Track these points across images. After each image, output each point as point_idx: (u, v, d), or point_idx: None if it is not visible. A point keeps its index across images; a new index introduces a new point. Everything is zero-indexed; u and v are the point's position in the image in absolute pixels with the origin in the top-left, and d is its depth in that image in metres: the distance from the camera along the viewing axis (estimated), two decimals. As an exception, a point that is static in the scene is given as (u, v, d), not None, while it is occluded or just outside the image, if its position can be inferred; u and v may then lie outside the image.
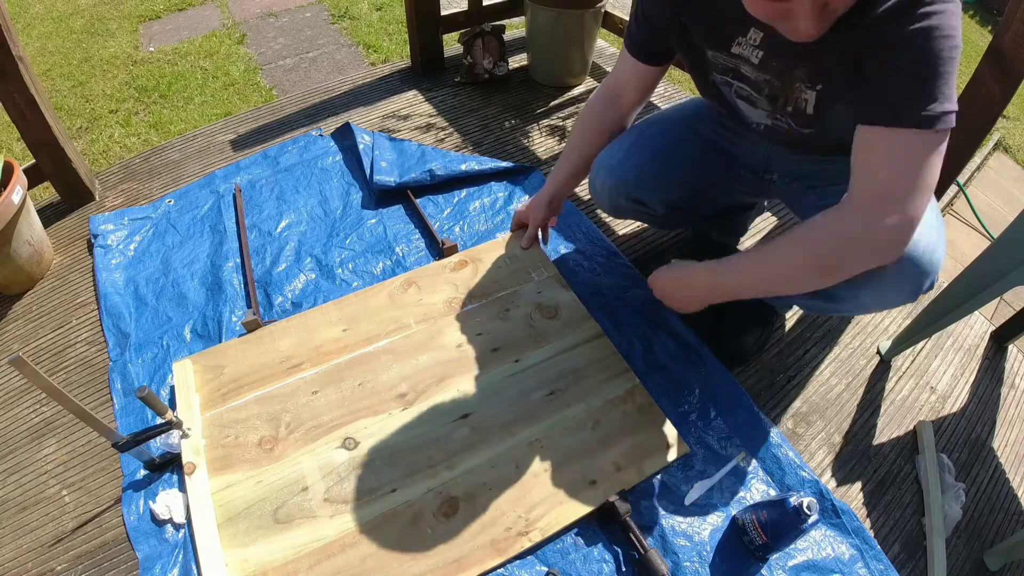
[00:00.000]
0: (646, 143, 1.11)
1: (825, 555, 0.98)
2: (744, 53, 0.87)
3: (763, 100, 0.92)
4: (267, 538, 0.95)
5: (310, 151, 1.74)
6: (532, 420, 1.10)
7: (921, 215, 0.75)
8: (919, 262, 0.83)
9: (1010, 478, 1.15)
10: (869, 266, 0.81)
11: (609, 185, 1.14)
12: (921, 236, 0.82)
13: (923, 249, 0.83)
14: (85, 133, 2.42)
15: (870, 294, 0.89)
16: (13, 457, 1.11)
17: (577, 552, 0.97)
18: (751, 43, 0.86)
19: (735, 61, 0.90)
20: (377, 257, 1.43)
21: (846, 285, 0.89)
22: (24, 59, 1.33)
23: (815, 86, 0.84)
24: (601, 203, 1.22)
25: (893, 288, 0.86)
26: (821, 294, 0.95)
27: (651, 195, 1.13)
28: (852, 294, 0.90)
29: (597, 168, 1.16)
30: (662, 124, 1.15)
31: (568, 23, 1.86)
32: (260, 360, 1.18)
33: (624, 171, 1.12)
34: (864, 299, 0.91)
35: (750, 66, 0.88)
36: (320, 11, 3.39)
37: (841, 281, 0.85)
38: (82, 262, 1.46)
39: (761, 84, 0.89)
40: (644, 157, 1.10)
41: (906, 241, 0.77)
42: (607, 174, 1.14)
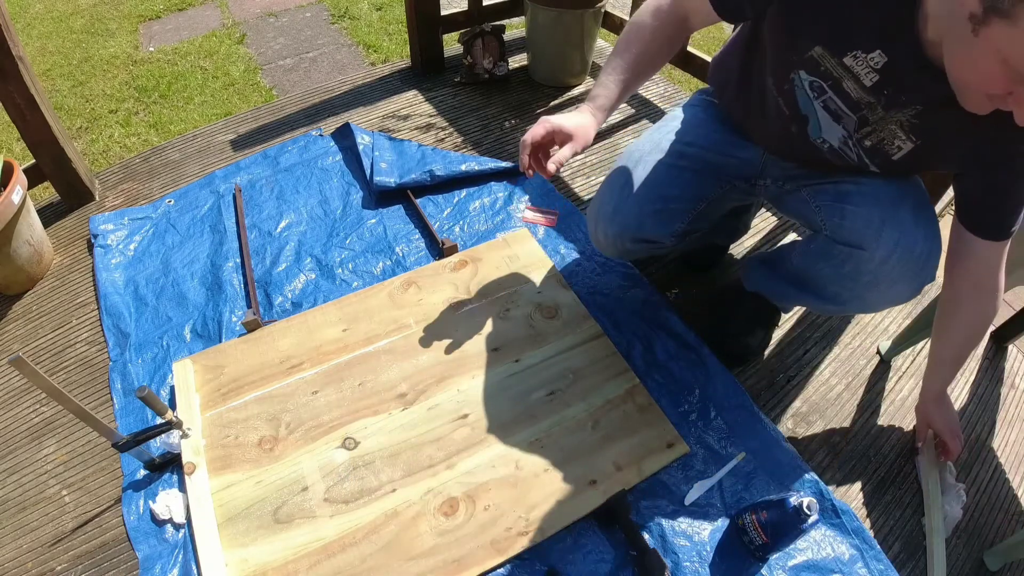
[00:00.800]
0: (637, 185, 1.06)
1: (825, 555, 0.98)
2: (856, 68, 0.78)
3: (852, 121, 0.84)
4: (267, 538, 0.95)
5: (310, 151, 1.74)
6: (532, 420, 1.10)
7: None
8: (920, 258, 0.87)
9: (1010, 478, 1.15)
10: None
11: (612, 233, 1.08)
12: (919, 235, 0.86)
13: (922, 247, 0.87)
14: (85, 133, 2.42)
15: (875, 294, 0.93)
16: (13, 457, 1.11)
17: (577, 552, 0.97)
18: (871, 63, 0.76)
19: (841, 71, 0.80)
20: (377, 257, 1.43)
21: (851, 286, 0.93)
22: (24, 59, 1.33)
23: (916, 139, 0.80)
24: (607, 251, 1.15)
25: (898, 285, 0.90)
26: (829, 298, 1.00)
27: (656, 231, 1.08)
28: (858, 294, 0.94)
29: (595, 220, 1.10)
30: (649, 158, 1.08)
31: (568, 23, 1.86)
32: (260, 360, 1.18)
33: (624, 216, 1.07)
34: (869, 299, 0.95)
35: (857, 84, 0.79)
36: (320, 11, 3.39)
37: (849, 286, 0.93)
38: (82, 262, 1.46)
39: (862, 106, 0.82)
40: (641, 197, 1.06)
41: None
42: (607, 223, 1.08)
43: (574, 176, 1.70)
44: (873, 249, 0.88)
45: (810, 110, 0.88)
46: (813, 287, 1.02)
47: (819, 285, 1.00)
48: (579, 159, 1.75)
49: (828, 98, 0.84)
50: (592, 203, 1.13)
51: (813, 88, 0.85)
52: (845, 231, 0.92)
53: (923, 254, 0.87)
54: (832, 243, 0.95)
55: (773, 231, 1.55)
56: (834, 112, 0.85)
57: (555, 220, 1.54)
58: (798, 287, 1.07)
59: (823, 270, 0.98)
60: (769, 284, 1.17)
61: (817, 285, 1.00)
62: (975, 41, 0.61)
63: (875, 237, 0.88)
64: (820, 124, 0.89)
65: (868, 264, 0.89)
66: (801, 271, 1.04)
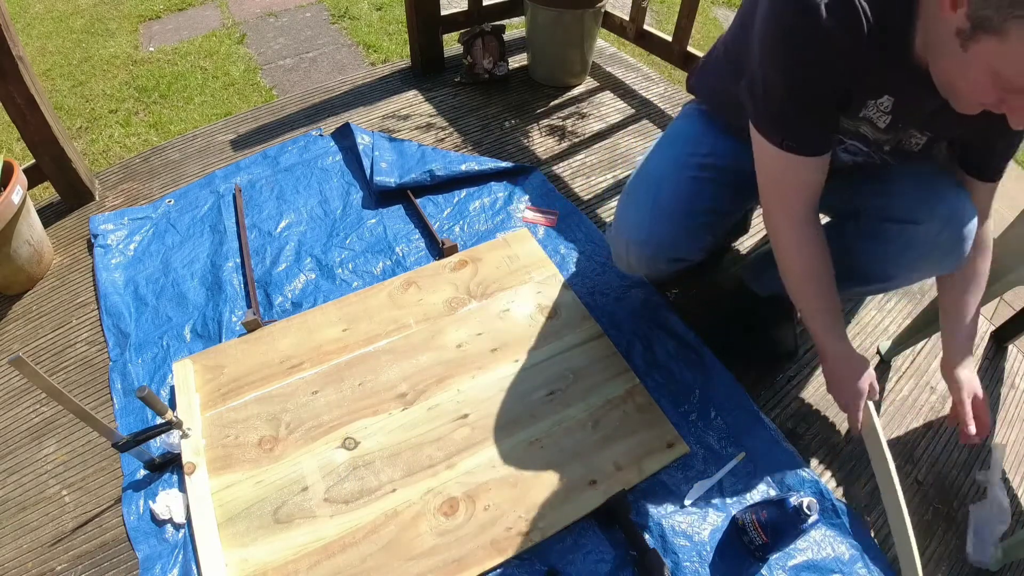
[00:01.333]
0: (667, 203, 1.02)
1: (825, 555, 0.98)
2: (871, 116, 0.80)
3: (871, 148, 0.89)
4: (267, 538, 0.95)
5: (310, 151, 1.74)
6: (532, 420, 1.10)
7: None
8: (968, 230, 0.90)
9: (1010, 478, 1.15)
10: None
11: (646, 256, 1.05)
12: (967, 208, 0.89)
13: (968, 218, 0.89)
14: (85, 133, 2.42)
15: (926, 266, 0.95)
16: (13, 457, 1.11)
17: (577, 552, 0.97)
18: (881, 108, 0.79)
19: (858, 123, 0.83)
20: (377, 257, 1.43)
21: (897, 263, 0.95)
22: (24, 59, 1.33)
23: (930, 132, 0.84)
24: (637, 272, 1.14)
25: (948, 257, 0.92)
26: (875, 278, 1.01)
27: (690, 248, 1.06)
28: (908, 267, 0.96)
29: (626, 245, 1.06)
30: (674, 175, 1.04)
31: (568, 23, 1.86)
32: (260, 360, 1.18)
33: (659, 238, 1.03)
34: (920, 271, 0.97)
35: (873, 128, 0.83)
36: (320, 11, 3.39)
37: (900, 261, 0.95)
38: (82, 262, 1.46)
39: (881, 142, 0.86)
40: (675, 216, 1.02)
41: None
42: (641, 246, 1.04)
43: (574, 176, 1.70)
44: (928, 222, 0.89)
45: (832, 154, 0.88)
46: (849, 270, 0.99)
47: (857, 265, 0.99)
48: (579, 159, 1.75)
49: (849, 144, 0.89)
50: (617, 227, 1.08)
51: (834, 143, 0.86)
52: (894, 208, 0.93)
53: (970, 223, 0.88)
54: (880, 221, 0.95)
55: (773, 231, 1.55)
56: (853, 152, 0.91)
57: (555, 220, 1.54)
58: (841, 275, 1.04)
59: (869, 249, 0.97)
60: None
61: (855, 266, 0.99)
62: (965, 56, 0.61)
63: (929, 210, 0.89)
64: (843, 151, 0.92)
65: (924, 237, 0.90)
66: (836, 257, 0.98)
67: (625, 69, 2.16)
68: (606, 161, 1.75)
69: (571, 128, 1.88)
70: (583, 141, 1.83)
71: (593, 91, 2.05)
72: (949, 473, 1.13)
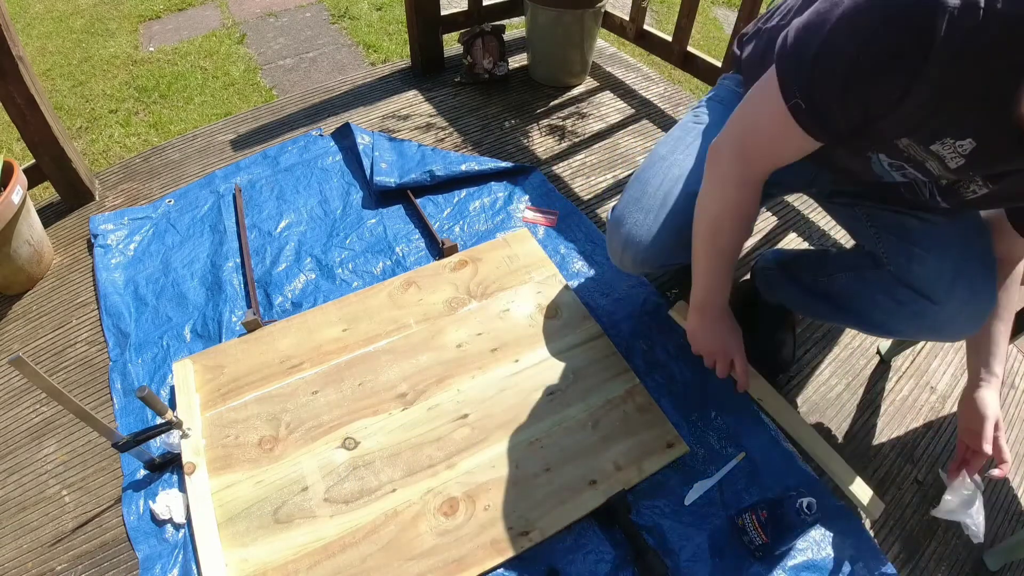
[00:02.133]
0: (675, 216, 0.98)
1: (825, 555, 0.98)
2: (943, 153, 0.70)
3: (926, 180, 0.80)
4: (267, 538, 0.95)
5: (310, 151, 1.74)
6: (532, 420, 1.10)
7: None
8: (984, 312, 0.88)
9: (1010, 478, 1.15)
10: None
11: (641, 260, 1.02)
12: (988, 292, 0.87)
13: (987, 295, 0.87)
14: (85, 133, 2.42)
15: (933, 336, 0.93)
16: (13, 457, 1.11)
17: (577, 552, 0.97)
18: (959, 149, 0.69)
19: (925, 155, 0.72)
20: (377, 257, 1.43)
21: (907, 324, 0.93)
22: (24, 59, 1.33)
23: (993, 185, 0.75)
24: (626, 270, 1.10)
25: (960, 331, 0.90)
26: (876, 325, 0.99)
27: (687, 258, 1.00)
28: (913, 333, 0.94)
29: (624, 244, 1.02)
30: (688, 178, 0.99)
31: (568, 23, 1.86)
32: (260, 360, 1.18)
33: (659, 246, 0.99)
34: (924, 337, 0.96)
35: (940, 165, 0.73)
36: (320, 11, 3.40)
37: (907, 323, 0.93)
38: (82, 262, 1.46)
39: (941, 179, 0.78)
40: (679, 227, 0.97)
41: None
42: (637, 250, 1.01)
43: (574, 176, 1.70)
44: (944, 303, 0.86)
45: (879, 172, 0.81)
46: (858, 312, 0.98)
47: (866, 311, 0.97)
48: (579, 159, 1.75)
49: (908, 171, 0.78)
50: (620, 221, 1.03)
51: (893, 167, 0.79)
52: (913, 277, 0.89)
53: (988, 299, 0.86)
54: (897, 282, 0.92)
55: (773, 231, 1.55)
56: (910, 179, 0.80)
57: (555, 220, 1.54)
58: (838, 308, 1.03)
59: (881, 302, 0.94)
60: (798, 299, 1.13)
61: (864, 311, 0.97)
62: None
63: (947, 291, 0.86)
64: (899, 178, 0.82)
65: (937, 315, 0.88)
66: (849, 295, 0.99)
67: (625, 69, 2.16)
68: (606, 161, 1.75)
69: (571, 128, 1.88)
70: (583, 141, 1.83)
71: (593, 91, 2.05)
72: (949, 473, 1.13)
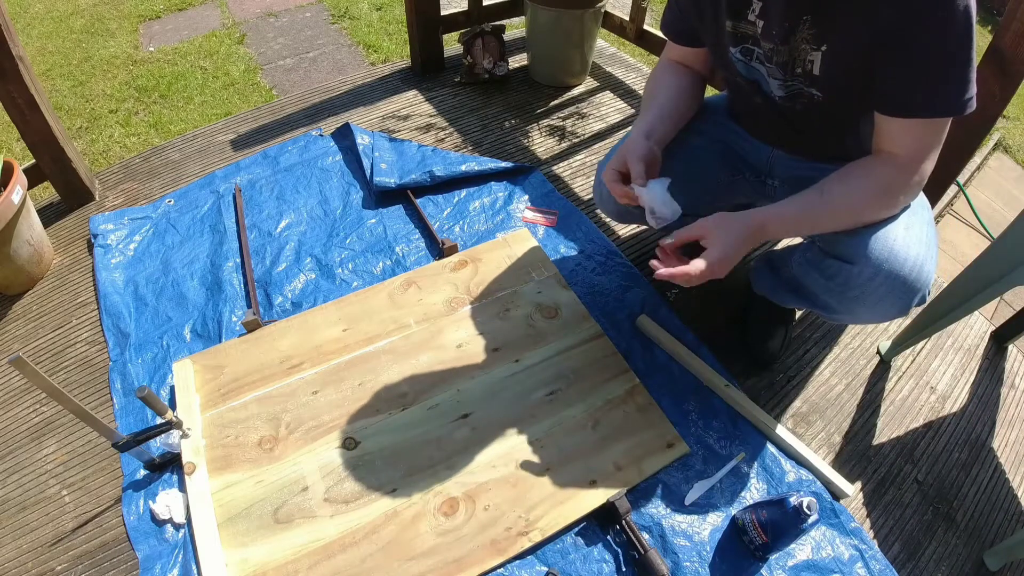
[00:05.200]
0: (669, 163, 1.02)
1: (825, 555, 0.98)
2: (755, 21, 0.86)
3: (776, 69, 0.88)
4: (267, 538, 0.95)
5: (310, 151, 1.74)
6: (532, 420, 1.10)
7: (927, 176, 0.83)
8: (907, 279, 0.86)
9: (1010, 478, 1.15)
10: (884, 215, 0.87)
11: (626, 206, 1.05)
12: (909, 254, 0.86)
13: (911, 266, 0.86)
14: (85, 133, 2.42)
15: (864, 309, 0.93)
16: (13, 457, 1.11)
17: (577, 552, 0.97)
18: (754, 12, 0.85)
19: (751, 28, 0.87)
20: (377, 257, 1.43)
21: (840, 299, 0.93)
22: (24, 59, 1.33)
23: (819, 47, 0.81)
24: (608, 210, 1.18)
25: (885, 303, 0.89)
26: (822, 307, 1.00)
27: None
28: (847, 308, 0.94)
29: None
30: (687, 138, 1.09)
31: (568, 23, 1.86)
32: (260, 360, 1.18)
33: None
34: (859, 313, 0.95)
35: (759, 35, 0.86)
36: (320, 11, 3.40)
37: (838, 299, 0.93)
38: (82, 262, 1.46)
39: (770, 53, 0.87)
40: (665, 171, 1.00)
41: (914, 198, 0.87)
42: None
43: (574, 176, 1.70)
44: (862, 264, 0.87)
45: (753, 72, 0.94)
46: (808, 295, 1.01)
47: (812, 294, 1.00)
48: (579, 159, 1.75)
49: (757, 54, 0.90)
50: (609, 155, 1.10)
51: (745, 54, 0.92)
52: (835, 243, 0.91)
53: (913, 271, 0.85)
54: (823, 254, 0.94)
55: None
56: (764, 63, 0.90)
57: (555, 220, 1.54)
58: (796, 294, 1.06)
59: (816, 280, 0.97)
60: (772, 288, 1.17)
61: (811, 294, 1.00)
62: None
63: (864, 252, 0.87)
64: (766, 80, 0.93)
65: (856, 279, 0.89)
66: (797, 279, 1.03)
67: (625, 69, 2.16)
68: (606, 161, 1.75)
69: (571, 128, 1.88)
70: (583, 141, 1.83)
71: (593, 91, 2.05)
72: (949, 473, 1.13)
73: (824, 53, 0.82)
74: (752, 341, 1.26)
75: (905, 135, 0.80)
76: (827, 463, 1.09)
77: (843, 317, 1.00)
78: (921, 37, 0.72)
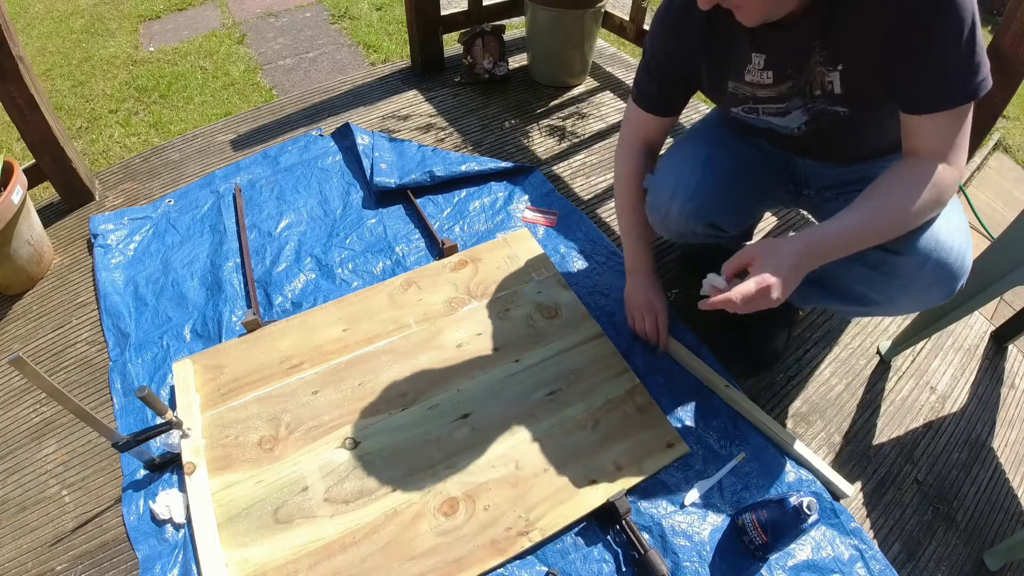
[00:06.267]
0: (721, 166, 1.03)
1: (825, 555, 0.98)
2: (756, 79, 0.90)
3: (794, 100, 0.90)
4: (267, 538, 0.95)
5: (310, 151, 1.74)
6: (532, 420, 1.10)
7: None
8: (953, 266, 0.87)
9: (1010, 478, 1.15)
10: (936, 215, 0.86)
11: (690, 210, 1.03)
12: (954, 243, 0.86)
13: (956, 255, 0.86)
14: (85, 133, 2.42)
15: (908, 298, 0.92)
16: (13, 457, 1.11)
17: (577, 552, 0.97)
18: (758, 68, 0.88)
19: (752, 89, 0.92)
20: (377, 257, 1.43)
21: (883, 289, 0.93)
22: (24, 59, 1.33)
23: (836, 67, 0.83)
24: (670, 228, 1.09)
25: (932, 291, 0.89)
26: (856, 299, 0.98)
27: (729, 218, 1.06)
28: (890, 297, 0.93)
29: (671, 195, 1.03)
30: (726, 143, 1.06)
31: (568, 23, 1.86)
32: (260, 360, 1.18)
33: (705, 195, 1.02)
34: (900, 302, 0.94)
35: (767, 87, 0.90)
36: (320, 11, 3.40)
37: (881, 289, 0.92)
38: (82, 262, 1.46)
39: (785, 92, 0.90)
40: (722, 179, 1.02)
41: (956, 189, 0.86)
42: (687, 199, 1.02)
43: (574, 176, 1.70)
44: (910, 254, 0.87)
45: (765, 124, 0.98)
46: (840, 288, 1.00)
47: (847, 286, 0.98)
48: (579, 159, 1.75)
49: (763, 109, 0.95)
50: (664, 176, 1.06)
51: (750, 112, 0.97)
52: None
53: (958, 259, 0.86)
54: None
55: (773, 231, 1.55)
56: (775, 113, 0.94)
57: (555, 220, 1.54)
58: (822, 288, 1.03)
59: (855, 271, 0.95)
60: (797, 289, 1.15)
61: (844, 286, 0.98)
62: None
63: (913, 242, 0.87)
64: (779, 126, 0.96)
65: (904, 268, 0.88)
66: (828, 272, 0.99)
67: (625, 69, 2.16)
68: (606, 161, 1.75)
69: (571, 128, 1.88)
70: (583, 141, 1.83)
71: (593, 91, 2.05)
72: (949, 473, 1.13)
73: (842, 72, 0.83)
74: (754, 341, 1.26)
75: (936, 129, 0.80)
76: (827, 463, 1.09)
77: (878, 309, 0.98)
78: (927, 31, 0.73)
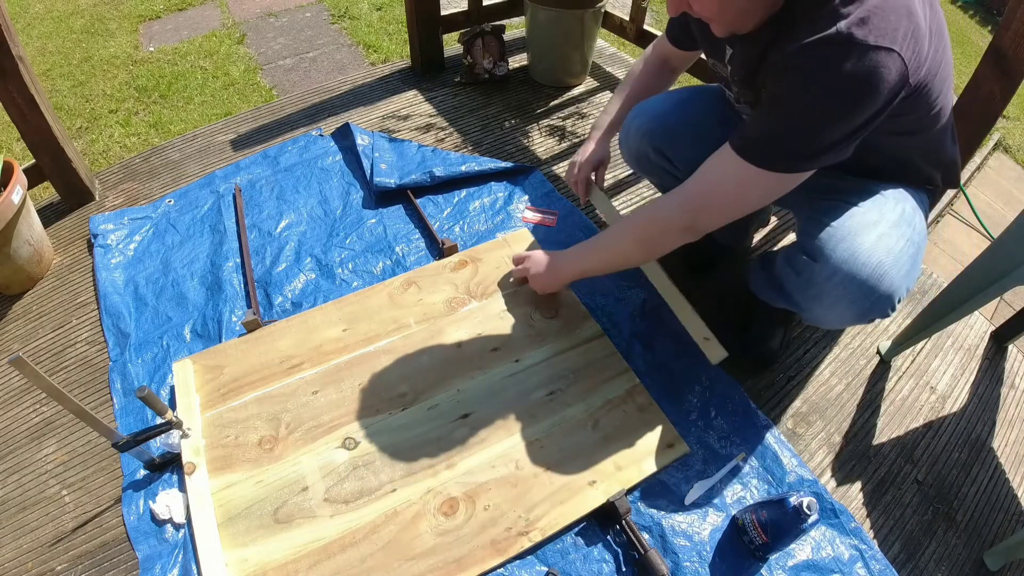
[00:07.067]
0: (693, 107, 1.13)
1: (825, 555, 0.98)
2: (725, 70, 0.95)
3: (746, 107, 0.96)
4: (267, 538, 0.95)
5: (310, 151, 1.74)
6: (532, 420, 1.10)
7: (711, 228, 0.93)
8: (864, 284, 0.85)
9: (1010, 478, 1.15)
10: (679, 243, 0.96)
11: (646, 128, 1.16)
12: (871, 260, 0.85)
13: (870, 273, 0.85)
14: (85, 133, 2.42)
15: (821, 309, 0.94)
16: (13, 457, 1.11)
17: (577, 552, 0.97)
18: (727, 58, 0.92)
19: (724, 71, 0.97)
20: (377, 257, 1.43)
21: (803, 296, 0.95)
22: (24, 59, 1.33)
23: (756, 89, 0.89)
24: (629, 145, 1.22)
25: (840, 306, 0.90)
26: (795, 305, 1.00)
27: (681, 152, 1.13)
28: (808, 306, 0.96)
29: (640, 110, 1.18)
30: (711, 100, 1.15)
31: (568, 23, 1.86)
32: (260, 360, 1.18)
33: (668, 122, 1.13)
34: (817, 313, 0.95)
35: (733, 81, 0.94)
36: (320, 11, 3.40)
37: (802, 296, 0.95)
38: (82, 262, 1.46)
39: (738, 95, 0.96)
40: (689, 113, 1.13)
41: (699, 236, 0.94)
42: (649, 118, 1.16)
43: (574, 176, 1.69)
44: (823, 262, 0.88)
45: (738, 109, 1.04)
46: (785, 293, 1.02)
47: (787, 291, 1.00)
48: (579, 159, 1.75)
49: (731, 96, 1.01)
50: (645, 102, 1.20)
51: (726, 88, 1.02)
52: (809, 241, 0.92)
53: (872, 278, 0.84)
54: (799, 251, 0.95)
55: (773, 231, 1.55)
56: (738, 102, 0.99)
57: (555, 220, 1.54)
58: (778, 291, 1.06)
59: (789, 275, 0.97)
60: (761, 286, 1.16)
61: (786, 291, 1.00)
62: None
63: (829, 251, 0.87)
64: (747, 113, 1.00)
65: (817, 277, 0.89)
66: (777, 276, 1.04)
67: (625, 69, 2.16)
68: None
69: (571, 128, 1.88)
70: (583, 141, 1.82)
71: (593, 91, 2.05)
72: (949, 473, 1.13)
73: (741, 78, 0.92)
74: (751, 341, 1.26)
75: (715, 164, 0.87)
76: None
77: (808, 316, 1.00)
78: (777, 88, 0.77)
